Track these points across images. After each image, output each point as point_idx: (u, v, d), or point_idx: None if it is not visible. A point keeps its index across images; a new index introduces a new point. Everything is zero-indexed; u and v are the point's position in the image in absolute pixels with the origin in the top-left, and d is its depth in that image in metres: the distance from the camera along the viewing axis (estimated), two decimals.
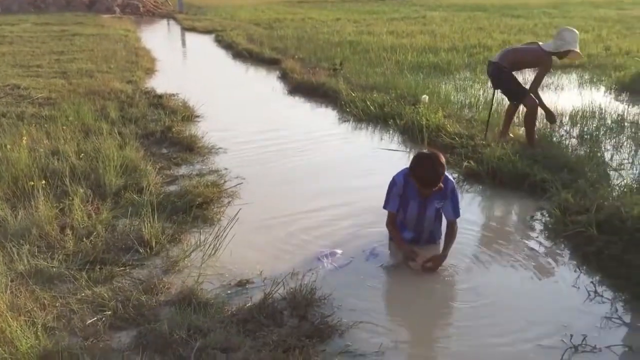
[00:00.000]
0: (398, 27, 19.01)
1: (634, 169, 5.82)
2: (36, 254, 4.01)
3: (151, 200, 4.78)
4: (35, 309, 3.38)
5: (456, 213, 4.26)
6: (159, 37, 21.10)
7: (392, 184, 4.26)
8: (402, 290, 3.90)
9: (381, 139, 7.47)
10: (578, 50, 6.17)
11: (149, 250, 4.18)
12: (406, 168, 4.30)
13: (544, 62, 6.24)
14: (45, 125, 6.94)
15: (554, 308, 3.61)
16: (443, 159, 4.05)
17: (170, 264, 4.05)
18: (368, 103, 8.40)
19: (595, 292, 3.74)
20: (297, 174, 6.09)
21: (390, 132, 7.63)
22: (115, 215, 4.73)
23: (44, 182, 5.03)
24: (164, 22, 27.75)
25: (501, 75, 6.38)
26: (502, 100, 7.50)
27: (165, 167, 6.06)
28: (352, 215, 4.96)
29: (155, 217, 4.50)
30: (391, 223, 4.30)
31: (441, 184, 4.07)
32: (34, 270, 3.81)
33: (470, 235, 4.57)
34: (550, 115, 6.53)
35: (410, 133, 7.24)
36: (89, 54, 13.74)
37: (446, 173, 4.11)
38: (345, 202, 5.25)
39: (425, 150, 4.26)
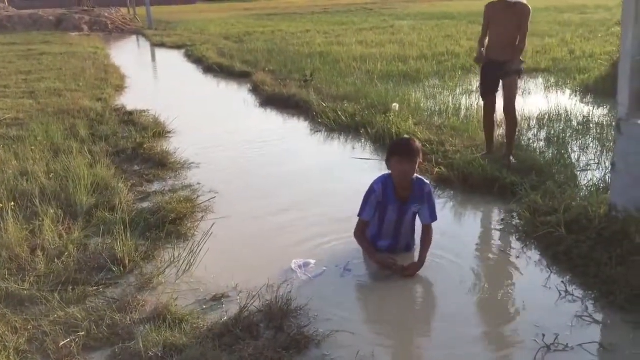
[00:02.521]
0: (367, 37, 19.18)
1: (600, 169, 5.95)
2: (6, 276, 3.96)
3: (123, 218, 4.75)
4: (6, 332, 3.33)
5: (433, 217, 4.33)
6: (128, 54, 21.00)
7: (371, 191, 4.28)
8: (378, 298, 3.92)
9: (353, 148, 7.53)
10: None
11: (122, 269, 4.14)
12: (382, 175, 4.36)
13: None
14: (14, 146, 6.85)
15: (526, 309, 3.67)
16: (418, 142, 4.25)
17: (144, 282, 4.01)
18: (339, 113, 8.46)
19: (566, 291, 3.81)
20: (270, 186, 6.10)
21: (362, 141, 7.68)
22: (87, 234, 4.68)
23: (13, 203, 4.95)
24: (133, 38, 27.61)
25: None
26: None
27: (137, 184, 6.01)
28: (326, 224, 4.98)
29: (128, 234, 4.46)
30: (361, 232, 4.32)
31: (416, 176, 4.22)
32: (5, 294, 3.76)
33: (442, 241, 4.60)
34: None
35: (381, 141, 7.30)
36: (57, 73, 13.60)
37: (421, 177, 4.27)
38: (319, 212, 5.27)
39: None
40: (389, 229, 4.34)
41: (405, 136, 4.50)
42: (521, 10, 5.92)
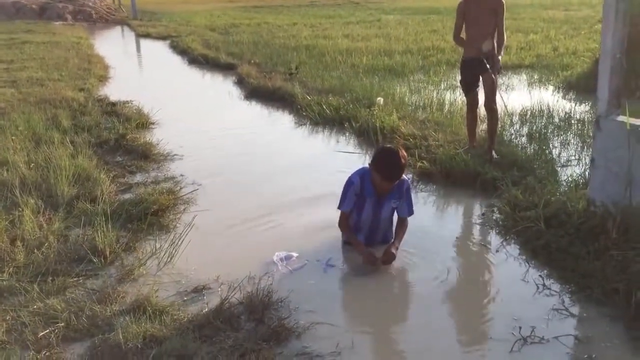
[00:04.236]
0: (354, 30, 19.17)
1: (580, 164, 6.01)
2: None
3: (105, 209, 4.73)
4: None
5: (410, 211, 4.39)
6: (112, 44, 20.77)
7: (349, 183, 4.30)
8: (358, 291, 3.95)
9: (337, 141, 7.54)
10: None
11: (103, 260, 4.13)
12: (361, 168, 4.38)
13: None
14: None
15: (504, 302, 3.72)
16: (405, 153, 4.17)
17: (125, 273, 4.00)
18: (324, 106, 8.46)
19: (544, 285, 3.86)
20: (253, 179, 6.10)
21: (346, 134, 7.70)
22: (68, 225, 4.66)
23: None
24: (118, 28, 27.34)
25: None
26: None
27: (119, 175, 5.98)
28: (308, 218, 4.99)
29: (109, 226, 4.44)
30: (344, 224, 4.34)
31: (403, 176, 4.20)
32: None
33: (424, 234, 4.65)
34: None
35: (365, 135, 7.33)
36: (39, 62, 13.43)
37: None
38: (301, 205, 5.28)
39: (387, 145, 4.34)
40: (366, 222, 4.35)
41: (393, 148, 4.16)
42: (496, 3, 5.95)
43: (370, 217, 4.32)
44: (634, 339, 3.25)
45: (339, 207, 4.34)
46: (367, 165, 4.37)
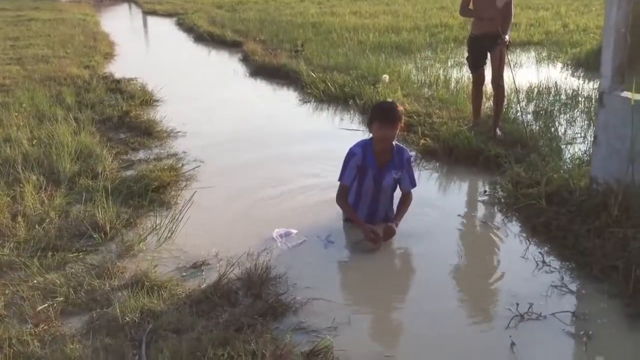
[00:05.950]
0: (362, 7, 18.95)
1: (586, 142, 5.95)
2: None
3: (106, 185, 4.74)
4: None
5: (412, 183, 4.38)
6: (119, 21, 20.71)
7: (350, 155, 4.27)
8: (357, 268, 3.95)
9: (341, 119, 7.50)
10: None
11: (103, 236, 4.14)
12: (363, 139, 4.37)
13: None
14: None
15: (503, 278, 3.71)
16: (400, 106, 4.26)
17: (124, 249, 4.02)
18: (329, 84, 8.40)
19: (543, 261, 3.84)
20: (255, 156, 6.07)
21: (351, 112, 7.66)
22: (69, 201, 4.67)
23: None
24: (125, 5, 27.22)
25: None
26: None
27: (122, 152, 6.00)
28: (309, 195, 4.98)
29: (110, 202, 4.45)
30: (343, 197, 4.31)
31: (396, 144, 4.27)
32: None
33: (425, 211, 4.63)
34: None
35: (369, 112, 7.25)
36: (45, 40, 13.42)
37: (401, 145, 4.30)
38: (302, 182, 5.27)
39: None
40: (367, 195, 4.31)
41: (389, 99, 4.51)
42: None
43: (371, 188, 4.29)
44: (631, 315, 3.23)
45: (339, 179, 4.31)
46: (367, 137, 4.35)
